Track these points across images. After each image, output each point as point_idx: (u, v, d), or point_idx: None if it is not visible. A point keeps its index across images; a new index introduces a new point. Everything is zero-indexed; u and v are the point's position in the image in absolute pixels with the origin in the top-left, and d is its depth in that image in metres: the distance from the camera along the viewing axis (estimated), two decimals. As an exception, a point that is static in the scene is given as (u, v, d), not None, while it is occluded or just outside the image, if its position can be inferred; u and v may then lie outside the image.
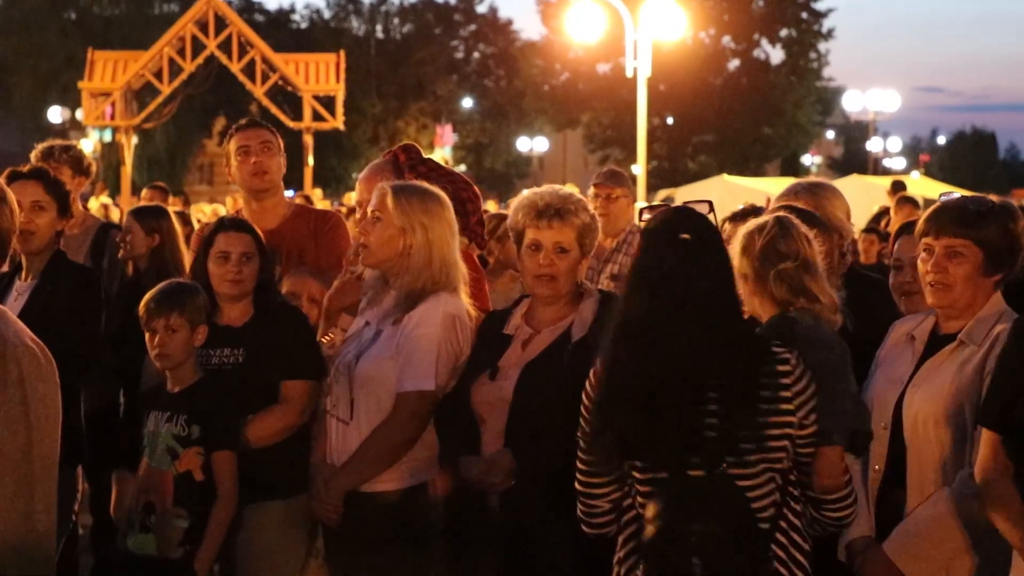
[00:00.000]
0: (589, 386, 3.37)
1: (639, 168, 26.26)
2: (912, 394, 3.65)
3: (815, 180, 4.88)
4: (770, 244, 3.56)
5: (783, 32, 48.44)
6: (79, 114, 28.73)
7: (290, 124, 25.08)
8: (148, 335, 4.37)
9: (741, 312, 3.46)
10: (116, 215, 14.66)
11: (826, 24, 48.61)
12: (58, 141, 6.93)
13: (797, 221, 3.64)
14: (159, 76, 24.56)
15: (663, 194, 29.54)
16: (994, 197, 3.79)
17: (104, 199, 17.68)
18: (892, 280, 4.33)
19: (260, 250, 4.55)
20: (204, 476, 4.27)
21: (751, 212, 4.96)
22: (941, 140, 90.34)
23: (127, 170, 25.26)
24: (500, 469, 3.85)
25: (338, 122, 25.52)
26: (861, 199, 20.52)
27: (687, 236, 3.25)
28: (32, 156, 6.64)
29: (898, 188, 15.20)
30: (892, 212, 12.81)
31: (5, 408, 2.54)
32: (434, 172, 4.78)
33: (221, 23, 24.50)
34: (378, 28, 53.82)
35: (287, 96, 27.24)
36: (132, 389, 4.77)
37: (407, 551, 4.09)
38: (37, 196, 5.05)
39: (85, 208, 8.12)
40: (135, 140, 27.99)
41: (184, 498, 4.25)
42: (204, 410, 4.30)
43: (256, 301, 4.54)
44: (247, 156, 5.22)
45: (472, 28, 55.30)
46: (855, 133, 77.24)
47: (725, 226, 4.49)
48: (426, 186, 4.27)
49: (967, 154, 79.97)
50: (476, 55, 56.22)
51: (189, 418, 4.29)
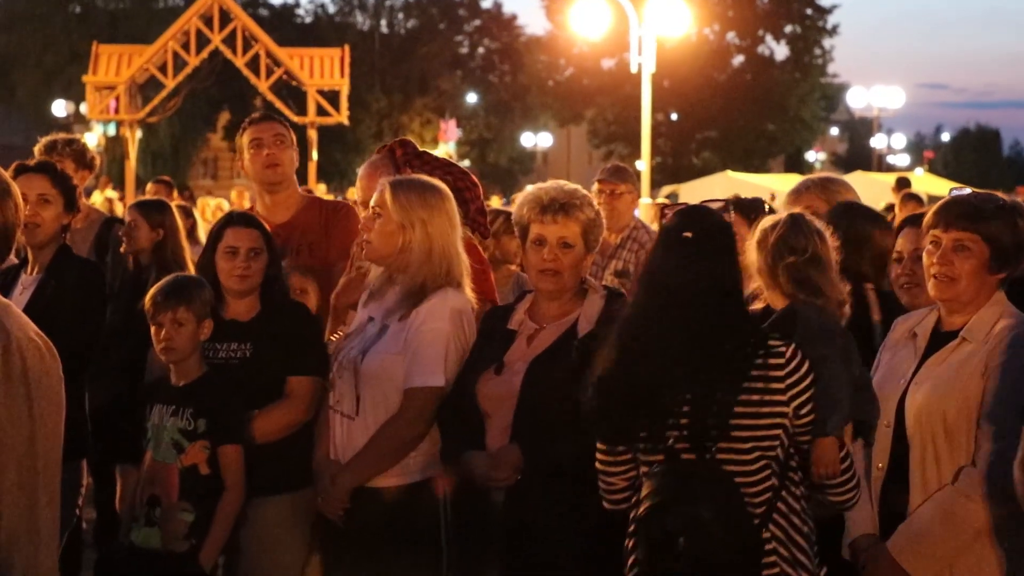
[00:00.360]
0: (590, 378, 3.46)
1: (643, 164, 26.22)
2: (915, 391, 3.65)
3: (826, 175, 4.90)
4: (781, 239, 3.66)
5: (787, 28, 48.40)
6: (83, 108, 28.69)
7: (294, 119, 24.97)
8: (154, 329, 4.37)
9: (743, 307, 3.54)
10: (120, 209, 14.63)
11: (830, 20, 48.69)
12: (61, 135, 6.93)
13: (812, 218, 3.74)
14: (163, 70, 24.50)
15: (667, 190, 29.55)
16: (1002, 195, 3.80)
17: (109, 193, 17.66)
18: (892, 273, 4.34)
19: (268, 245, 4.55)
20: (210, 470, 4.26)
21: (759, 204, 4.97)
22: (945, 137, 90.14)
23: (131, 164, 25.22)
24: (507, 464, 3.83)
25: (342, 117, 25.45)
26: (865, 196, 20.41)
27: (689, 235, 3.39)
28: (36, 150, 6.64)
29: (903, 185, 15.19)
30: (897, 209, 12.80)
31: (9, 402, 2.54)
32: (429, 165, 4.79)
33: (226, 17, 24.44)
34: (382, 23, 53.78)
35: (291, 91, 27.19)
36: (135, 383, 4.76)
37: (415, 547, 4.07)
38: (43, 190, 5.05)
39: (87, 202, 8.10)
40: (139, 134, 27.97)
41: (190, 492, 4.24)
42: (210, 404, 4.30)
43: (263, 296, 4.54)
44: (260, 149, 5.24)
45: (476, 23, 55.28)
46: (859, 130, 77.08)
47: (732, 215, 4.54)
48: (425, 179, 4.26)
49: (971, 151, 79.89)
50: (480, 50, 56.19)
51: (195, 412, 4.28)
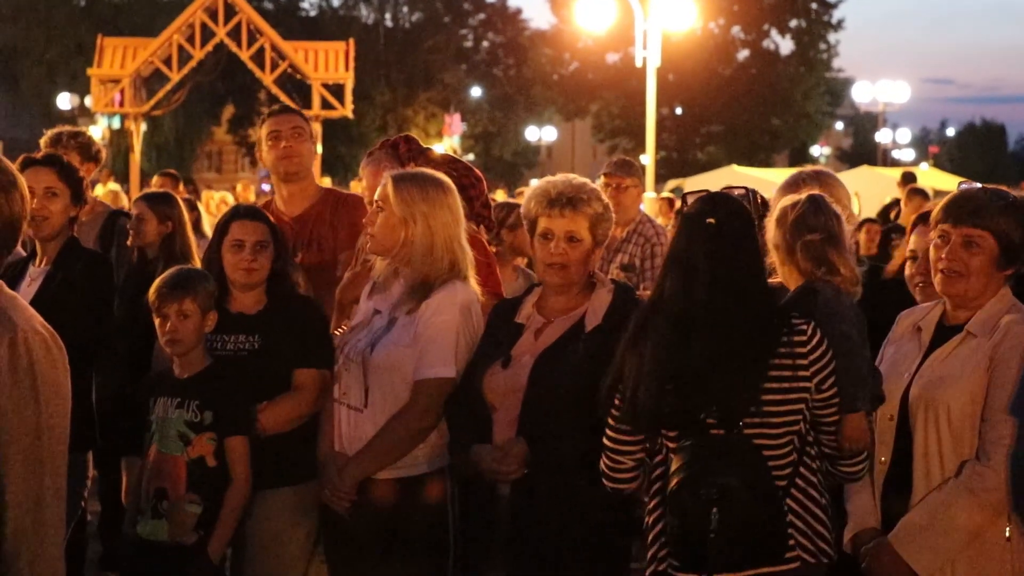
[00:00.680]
0: (616, 362, 3.53)
1: (648, 158, 26.21)
2: (919, 385, 3.65)
3: (818, 168, 4.94)
4: (801, 217, 3.75)
5: (793, 23, 48.34)
6: (88, 101, 28.65)
7: (299, 112, 24.98)
8: (159, 321, 4.37)
9: (766, 291, 3.61)
10: (125, 202, 14.62)
11: (836, 15, 48.62)
12: (66, 127, 6.92)
13: (830, 199, 3.83)
14: (168, 63, 24.49)
15: (672, 184, 29.49)
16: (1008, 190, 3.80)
17: (112, 186, 17.64)
18: (908, 271, 4.36)
19: (275, 238, 4.56)
20: (217, 462, 4.26)
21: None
22: (950, 132, 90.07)
23: (136, 157, 25.23)
24: (514, 457, 3.83)
25: (347, 110, 25.44)
26: (871, 190, 20.44)
27: (712, 221, 3.46)
28: (41, 143, 6.64)
29: (909, 180, 15.14)
30: (902, 203, 12.79)
31: (15, 394, 2.55)
32: (432, 162, 4.80)
33: (230, 10, 24.42)
34: (387, 17, 53.66)
35: (296, 84, 27.18)
36: (140, 376, 4.76)
37: (421, 539, 4.08)
38: (50, 182, 5.06)
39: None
40: (143, 127, 27.97)
41: (197, 484, 4.24)
42: (217, 396, 4.30)
43: (270, 289, 4.54)
44: (277, 141, 5.27)
45: (481, 17, 55.17)
46: (864, 124, 76.91)
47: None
48: (428, 173, 4.25)
49: (976, 146, 79.78)
50: (485, 44, 56.07)
51: (201, 403, 4.28)
